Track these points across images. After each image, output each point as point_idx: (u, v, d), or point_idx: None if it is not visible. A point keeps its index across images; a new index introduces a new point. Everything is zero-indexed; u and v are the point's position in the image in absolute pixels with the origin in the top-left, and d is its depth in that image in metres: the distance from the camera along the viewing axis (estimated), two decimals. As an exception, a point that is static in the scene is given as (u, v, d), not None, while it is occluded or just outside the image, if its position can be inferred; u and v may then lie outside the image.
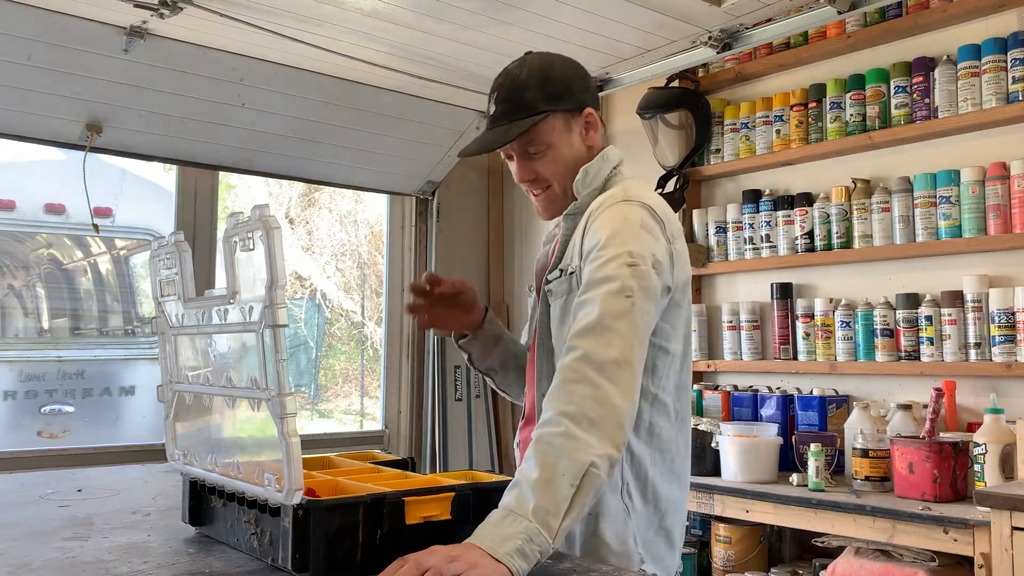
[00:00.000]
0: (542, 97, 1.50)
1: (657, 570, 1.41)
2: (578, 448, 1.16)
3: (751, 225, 3.26)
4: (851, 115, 2.97)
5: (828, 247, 3.02)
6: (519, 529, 1.09)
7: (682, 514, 1.47)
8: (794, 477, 2.67)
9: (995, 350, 2.58)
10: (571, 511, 1.13)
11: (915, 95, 2.82)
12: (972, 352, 2.63)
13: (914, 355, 2.77)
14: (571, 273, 1.43)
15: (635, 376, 1.26)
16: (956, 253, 2.74)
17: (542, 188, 1.55)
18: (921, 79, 2.80)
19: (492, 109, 1.54)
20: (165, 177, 3.88)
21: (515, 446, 1.66)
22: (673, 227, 1.44)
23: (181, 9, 2.49)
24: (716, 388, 3.21)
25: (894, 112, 2.87)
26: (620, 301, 1.28)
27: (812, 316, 3.05)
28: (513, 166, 1.57)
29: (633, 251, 1.33)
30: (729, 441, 2.78)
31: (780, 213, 3.17)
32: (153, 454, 3.01)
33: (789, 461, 2.80)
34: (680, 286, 1.42)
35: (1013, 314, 2.55)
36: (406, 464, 1.50)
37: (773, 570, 2.86)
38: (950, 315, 2.68)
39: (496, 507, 1.16)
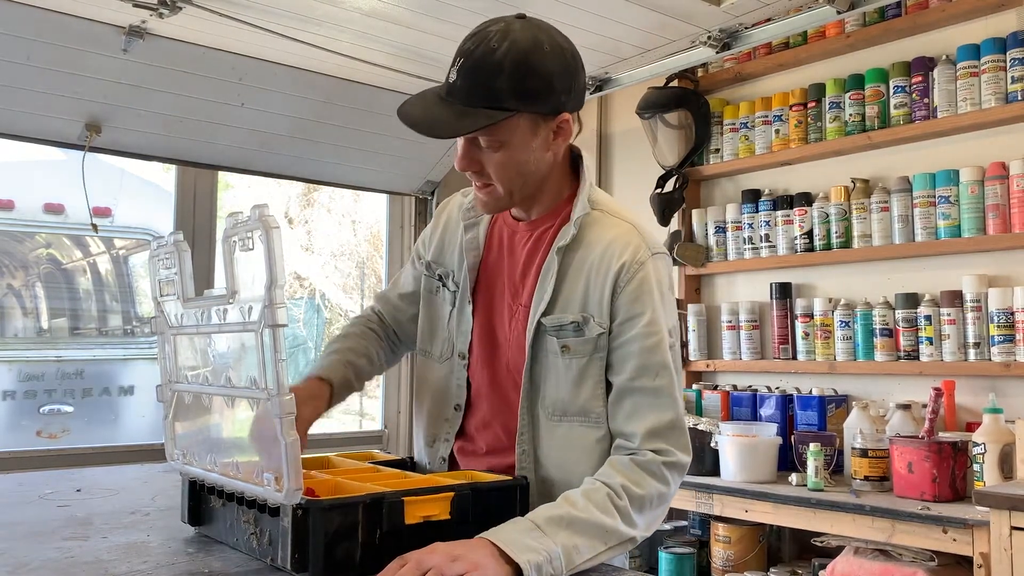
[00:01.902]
0: (513, 92, 1.25)
1: None
2: (627, 524, 1.22)
3: (750, 225, 3.26)
4: (850, 115, 2.97)
5: (827, 247, 3.02)
6: (544, 546, 1.11)
7: None
8: (793, 477, 2.67)
9: (994, 350, 2.58)
10: (592, 561, 1.18)
11: (914, 95, 2.82)
12: (971, 352, 2.63)
13: (913, 355, 2.77)
14: (599, 335, 1.32)
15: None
16: (955, 253, 2.74)
17: (483, 183, 1.36)
18: (920, 79, 2.80)
19: (452, 76, 1.28)
20: (164, 177, 3.88)
21: (451, 451, 1.51)
22: (669, 264, 1.42)
23: (180, 9, 2.48)
24: (715, 388, 3.21)
25: (893, 112, 2.87)
26: (678, 392, 1.33)
27: (811, 316, 3.05)
28: (458, 148, 1.35)
29: (671, 328, 1.35)
30: (728, 441, 2.78)
31: (779, 213, 3.17)
32: (152, 454, 3.00)
33: (788, 461, 2.80)
34: None
35: (1012, 314, 2.55)
36: (405, 464, 1.50)
37: (772, 570, 2.86)
38: (949, 315, 2.68)
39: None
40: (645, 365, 1.30)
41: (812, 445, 2.62)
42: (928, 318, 2.73)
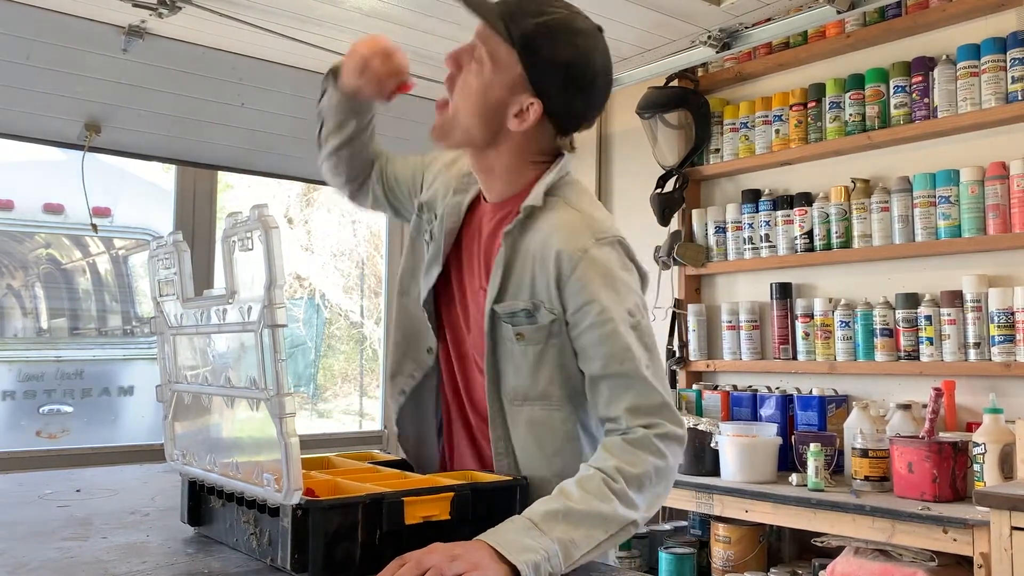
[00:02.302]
0: (525, 38, 1.29)
1: None
2: (627, 506, 1.20)
3: (750, 225, 3.26)
4: (850, 115, 2.97)
5: (827, 247, 3.02)
6: (541, 545, 1.10)
7: None
8: (793, 477, 2.67)
9: (994, 350, 2.58)
10: (593, 552, 1.17)
11: (914, 95, 2.82)
12: (971, 352, 2.63)
13: (913, 355, 2.77)
14: (551, 321, 1.31)
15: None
16: (955, 253, 2.74)
17: (444, 101, 1.39)
18: (920, 79, 2.80)
19: None
20: (164, 177, 3.88)
21: (439, 446, 1.53)
22: (633, 251, 1.38)
23: (180, 8, 2.49)
24: (715, 388, 3.21)
25: (893, 112, 2.87)
26: (651, 373, 1.28)
27: (811, 316, 3.05)
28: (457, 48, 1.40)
29: (631, 308, 1.30)
30: (728, 441, 2.78)
31: (779, 213, 3.17)
32: (152, 454, 2.99)
33: (788, 461, 2.80)
34: None
35: (1012, 314, 2.55)
36: (405, 464, 1.50)
37: (772, 570, 2.86)
38: (949, 315, 2.68)
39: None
40: (608, 354, 1.28)
41: (812, 445, 2.62)
42: (928, 318, 2.73)
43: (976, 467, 2.33)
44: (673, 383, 3.41)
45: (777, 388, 3.09)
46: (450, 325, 1.49)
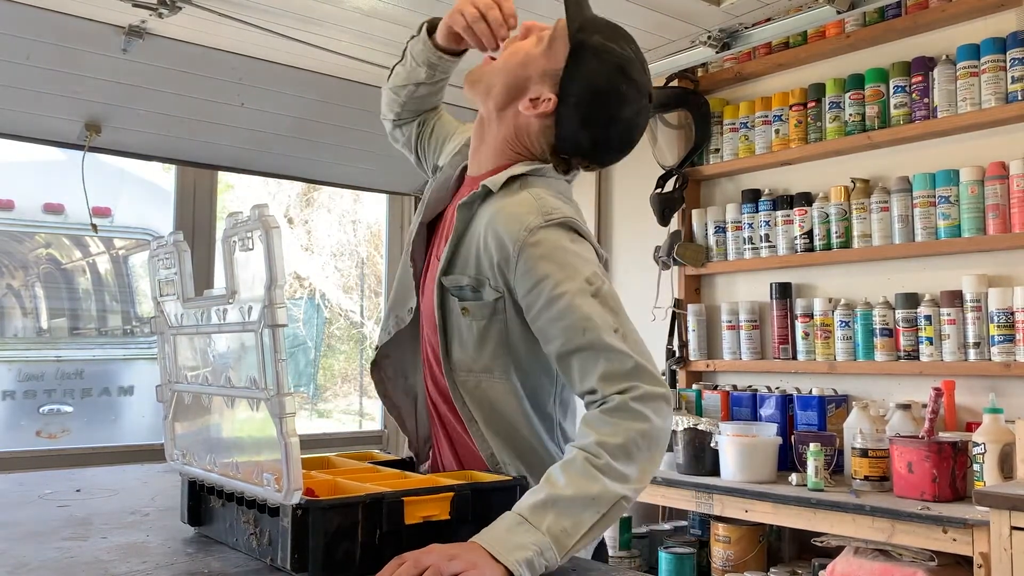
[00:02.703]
0: (581, 42, 1.34)
1: None
2: (615, 480, 1.16)
3: (750, 225, 3.26)
4: (850, 115, 2.97)
5: (827, 247, 3.02)
6: (532, 540, 1.08)
7: None
8: (793, 477, 2.67)
9: (994, 350, 2.58)
10: (588, 535, 1.14)
11: (914, 95, 2.82)
12: (971, 352, 2.63)
13: (913, 355, 2.77)
14: (496, 299, 1.31)
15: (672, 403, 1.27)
16: (955, 253, 2.74)
17: (491, 59, 1.44)
18: (920, 79, 2.80)
19: None
20: (164, 177, 3.88)
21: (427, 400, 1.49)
22: (590, 233, 1.36)
23: (180, 9, 2.48)
24: (715, 388, 3.21)
25: (893, 112, 2.87)
26: (617, 339, 1.24)
27: (811, 316, 3.05)
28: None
29: (588, 277, 1.26)
30: (728, 441, 2.78)
31: (779, 213, 3.17)
32: (152, 454, 3.00)
33: (788, 461, 2.80)
34: None
35: (1012, 314, 2.55)
36: (405, 464, 1.50)
37: (772, 570, 2.86)
38: (949, 315, 2.68)
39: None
40: (568, 327, 1.24)
41: (812, 445, 2.62)
42: (928, 318, 2.73)
43: (976, 467, 2.33)
44: (673, 383, 3.41)
45: (777, 388, 3.10)
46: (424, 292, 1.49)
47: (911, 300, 2.79)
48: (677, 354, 3.45)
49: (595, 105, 1.34)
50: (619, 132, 1.38)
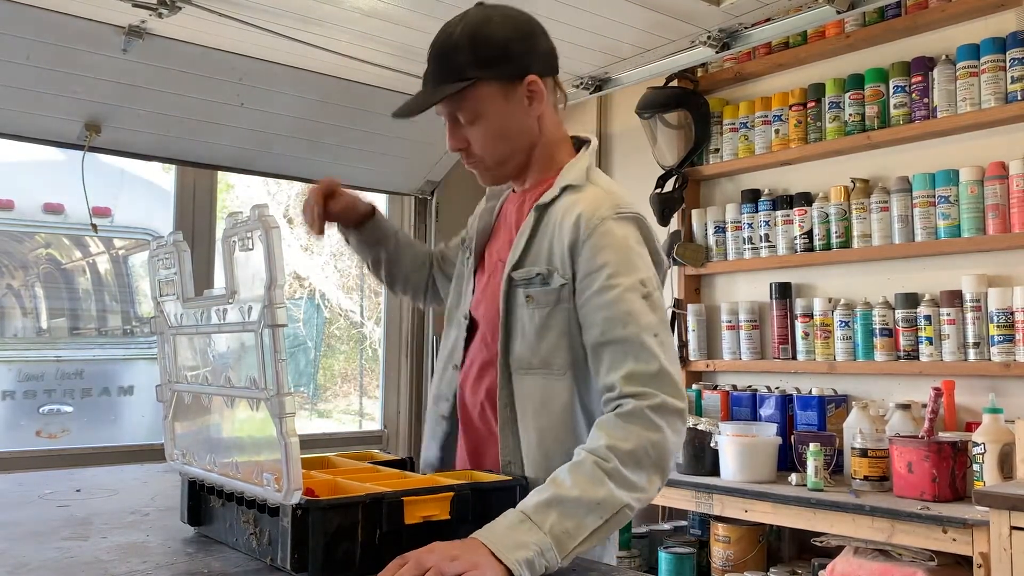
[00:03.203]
0: (471, 61, 1.34)
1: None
2: (621, 486, 1.16)
3: (750, 225, 3.26)
4: (850, 115, 2.97)
5: (827, 247, 3.02)
6: (533, 539, 1.09)
7: None
8: (793, 477, 2.67)
9: (994, 350, 2.58)
10: (590, 539, 1.14)
11: (914, 95, 2.82)
12: (971, 352, 2.63)
13: (913, 355, 2.77)
14: (561, 285, 1.34)
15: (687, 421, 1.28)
16: (955, 253, 2.74)
17: (472, 160, 1.44)
18: (920, 79, 2.80)
19: (427, 67, 1.41)
20: (164, 177, 3.88)
21: (451, 396, 1.51)
22: (656, 237, 1.40)
23: (180, 9, 2.48)
24: (715, 388, 3.21)
25: (893, 112, 2.87)
26: (655, 343, 1.26)
27: (811, 316, 3.05)
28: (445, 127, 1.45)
29: (644, 279, 1.30)
30: (728, 441, 2.78)
31: (779, 213, 3.17)
32: (152, 454, 3.00)
33: (788, 461, 2.80)
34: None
35: (1012, 314, 2.55)
36: (405, 464, 1.50)
37: (772, 570, 2.86)
38: (949, 315, 2.68)
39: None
40: (610, 317, 1.27)
41: (812, 445, 2.62)
42: (928, 318, 2.73)
43: (975, 467, 2.34)
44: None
45: (777, 388, 3.10)
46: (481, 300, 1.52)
47: (911, 300, 2.79)
48: (677, 354, 3.44)
49: (522, 33, 1.40)
50: (535, 23, 1.44)
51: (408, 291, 1.78)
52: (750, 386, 3.17)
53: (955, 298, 2.68)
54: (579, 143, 1.51)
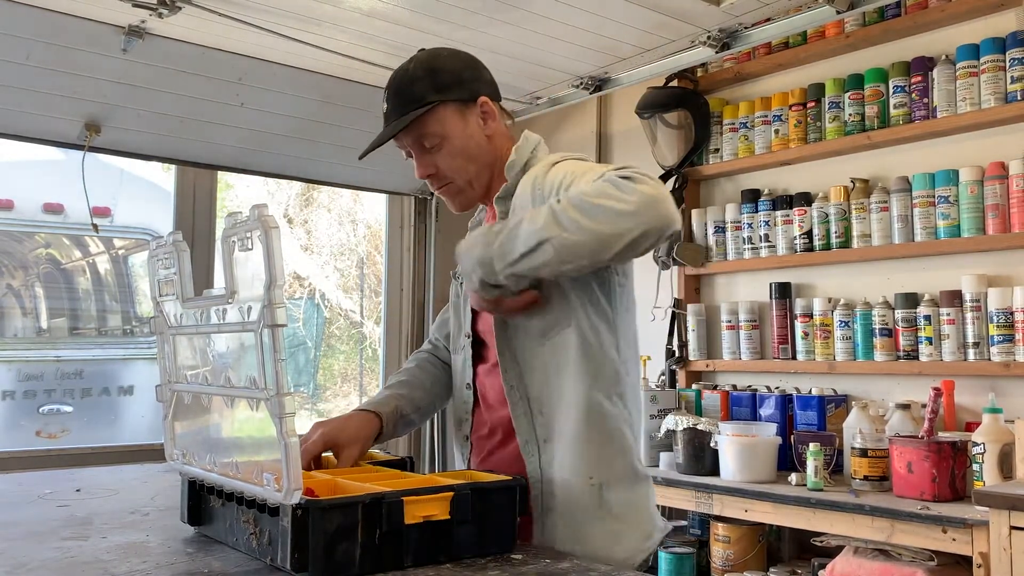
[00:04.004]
0: (430, 88, 1.47)
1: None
2: (565, 212, 1.25)
3: (750, 225, 3.26)
4: (850, 115, 2.97)
5: (827, 247, 3.02)
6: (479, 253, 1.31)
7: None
8: (793, 477, 2.67)
9: (993, 350, 2.58)
10: (530, 252, 1.26)
11: (914, 95, 2.82)
12: (971, 352, 2.63)
13: (913, 355, 2.77)
14: None
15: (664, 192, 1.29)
16: (955, 253, 2.74)
17: (443, 183, 1.53)
18: (920, 79, 2.80)
19: (385, 107, 1.52)
20: (164, 177, 3.88)
21: (464, 457, 1.57)
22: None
23: (180, 9, 2.48)
24: (715, 388, 3.21)
25: (893, 112, 2.87)
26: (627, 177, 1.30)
27: (811, 316, 3.05)
28: (414, 163, 1.54)
29: (599, 171, 1.35)
30: (728, 441, 2.79)
31: (779, 213, 3.17)
32: (152, 454, 3.00)
33: (788, 461, 2.80)
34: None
35: (1012, 314, 2.55)
36: (405, 464, 1.50)
37: (772, 570, 2.86)
38: (949, 315, 2.68)
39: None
40: (574, 174, 1.36)
41: (812, 445, 2.62)
42: (928, 318, 2.73)
43: (975, 467, 2.34)
44: (673, 383, 3.41)
45: (776, 388, 3.10)
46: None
47: (911, 300, 2.79)
48: (677, 354, 3.45)
49: (468, 64, 1.54)
50: (477, 59, 1.57)
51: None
52: (750, 386, 3.17)
53: (955, 298, 2.68)
54: None
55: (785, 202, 3.16)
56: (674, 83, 3.43)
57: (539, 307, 1.39)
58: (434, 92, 1.47)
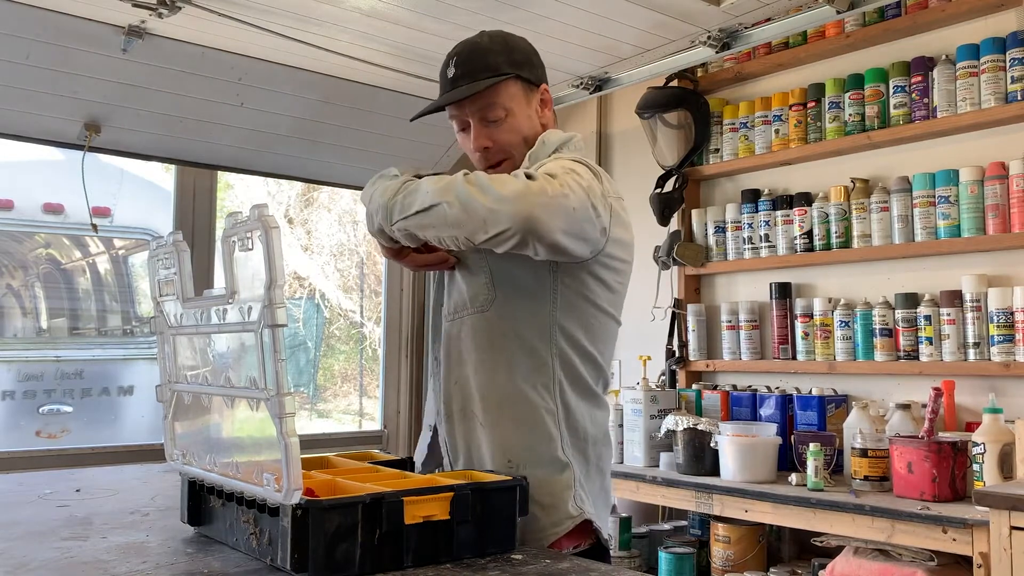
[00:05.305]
0: (506, 61, 1.48)
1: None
2: (456, 186, 1.27)
3: (750, 225, 3.26)
4: (850, 115, 2.97)
5: (827, 247, 3.02)
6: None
7: (609, 449, 1.53)
8: (793, 477, 2.67)
9: (994, 350, 2.58)
10: (415, 211, 1.29)
11: (914, 95, 2.82)
12: (971, 352, 2.63)
13: (913, 355, 2.77)
14: None
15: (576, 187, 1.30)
16: (955, 253, 2.74)
17: (497, 160, 1.50)
18: (920, 79, 2.80)
19: (452, 72, 1.49)
20: (164, 177, 3.88)
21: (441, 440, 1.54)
22: (614, 187, 1.46)
23: (180, 8, 2.48)
24: (715, 388, 3.21)
25: (893, 112, 2.87)
26: (576, 172, 1.33)
27: (811, 316, 3.05)
28: (466, 136, 1.51)
29: (576, 169, 1.35)
30: (728, 441, 2.78)
31: (779, 213, 3.17)
32: (152, 454, 3.00)
33: (788, 461, 2.80)
34: (619, 243, 1.43)
35: (1012, 314, 2.55)
36: (405, 464, 1.50)
37: (772, 570, 2.86)
38: (949, 315, 2.68)
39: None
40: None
41: (812, 445, 2.62)
42: (928, 318, 2.73)
43: (975, 467, 2.33)
44: (673, 383, 3.41)
45: (777, 388, 3.10)
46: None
47: (911, 300, 2.79)
48: (677, 354, 3.45)
49: (537, 55, 1.56)
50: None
51: None
52: (750, 386, 3.17)
53: (955, 298, 2.68)
54: None
55: (785, 202, 3.16)
56: (674, 83, 3.43)
57: (447, 268, 1.45)
58: (509, 65, 1.48)
